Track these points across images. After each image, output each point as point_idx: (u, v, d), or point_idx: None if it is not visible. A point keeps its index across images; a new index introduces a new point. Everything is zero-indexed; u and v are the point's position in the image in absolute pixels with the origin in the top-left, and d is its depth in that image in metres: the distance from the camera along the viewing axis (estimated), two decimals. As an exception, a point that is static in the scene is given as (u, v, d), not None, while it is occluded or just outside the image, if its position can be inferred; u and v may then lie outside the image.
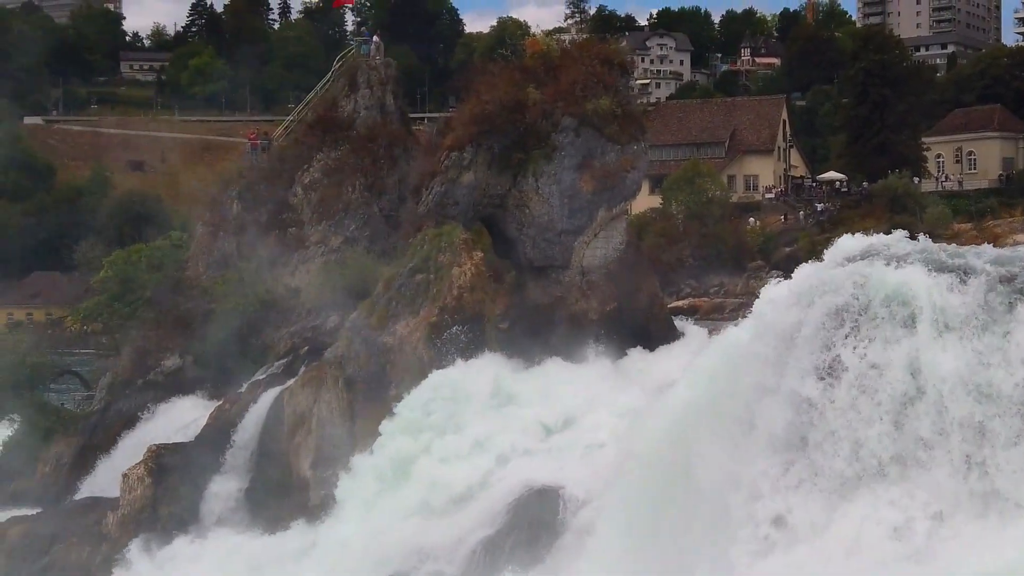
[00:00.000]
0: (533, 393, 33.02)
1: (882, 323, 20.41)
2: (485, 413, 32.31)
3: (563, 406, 32.54)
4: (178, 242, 51.62)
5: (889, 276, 20.76)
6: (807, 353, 20.85)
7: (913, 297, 20.26)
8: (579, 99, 37.71)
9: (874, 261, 21.30)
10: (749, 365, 21.79)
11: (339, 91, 45.24)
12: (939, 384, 19.50)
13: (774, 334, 21.58)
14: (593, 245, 37.63)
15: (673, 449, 22.96)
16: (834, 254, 22.22)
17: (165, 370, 43.58)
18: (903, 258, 21.17)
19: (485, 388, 32.88)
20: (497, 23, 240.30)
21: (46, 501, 42.75)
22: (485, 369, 33.41)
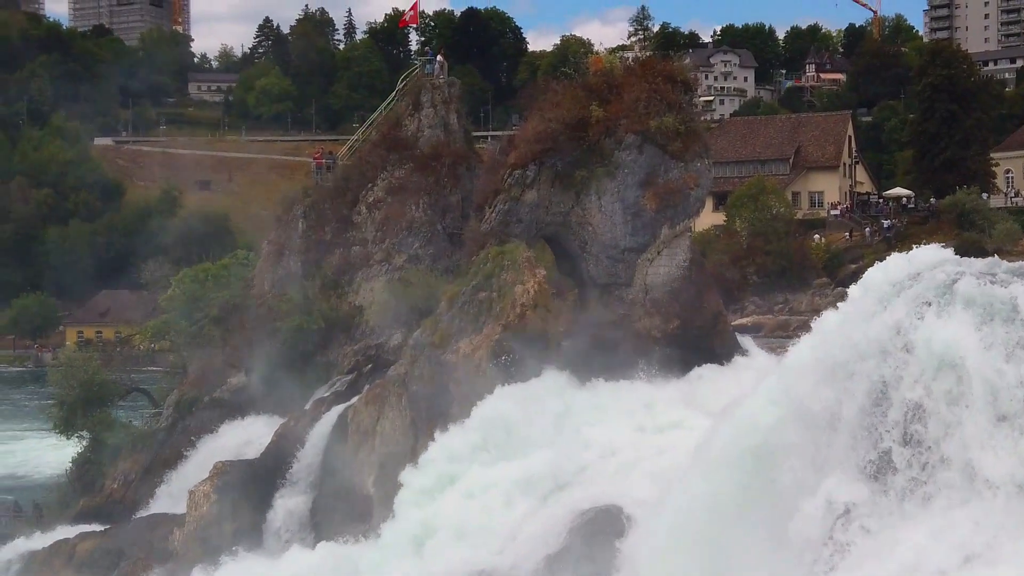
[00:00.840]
0: (595, 411, 32.89)
1: (933, 402, 18.53)
2: (547, 431, 32.22)
3: (625, 424, 32.38)
4: (244, 260, 52.12)
5: (936, 336, 18.77)
6: (849, 450, 19.39)
7: (961, 366, 18.26)
8: (642, 117, 37.62)
9: (920, 305, 19.42)
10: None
11: (403, 110, 45.50)
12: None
13: (807, 423, 20.33)
14: (656, 263, 37.48)
15: (739, 467, 22.72)
16: (873, 285, 20.56)
17: (231, 388, 43.98)
18: (951, 293, 19.19)
19: (547, 406, 32.81)
20: (560, 41, 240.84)
21: (114, 517, 43.26)
22: (547, 387, 33.35)
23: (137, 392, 53.45)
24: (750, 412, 23.07)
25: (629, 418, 32.72)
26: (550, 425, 32.57)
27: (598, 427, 32.40)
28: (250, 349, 43.59)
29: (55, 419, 49.29)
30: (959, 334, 18.67)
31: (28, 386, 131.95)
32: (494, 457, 31.96)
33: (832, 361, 20.58)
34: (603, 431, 32.22)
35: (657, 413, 33.01)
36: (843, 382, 20.26)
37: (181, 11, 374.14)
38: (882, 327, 20.03)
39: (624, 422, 32.54)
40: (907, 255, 20.94)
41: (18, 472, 75.21)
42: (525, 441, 32.16)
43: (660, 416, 32.82)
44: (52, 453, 59.90)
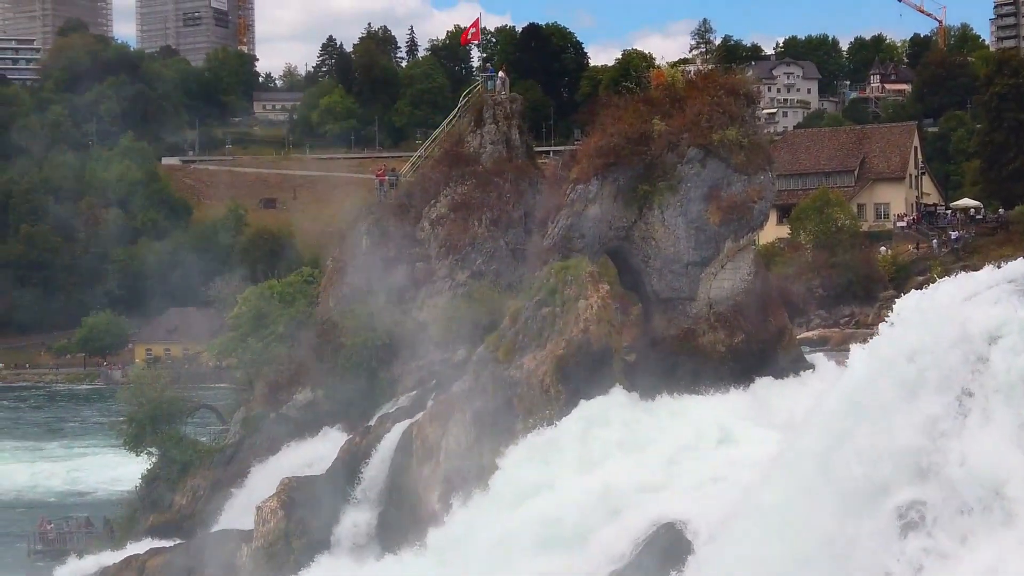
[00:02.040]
0: (660, 426, 32.77)
1: None
2: (612, 446, 32.15)
3: (691, 439, 32.23)
4: (309, 278, 52.57)
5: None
6: (919, 461, 19.66)
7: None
8: (705, 130, 37.48)
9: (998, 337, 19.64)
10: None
11: (465, 127, 45.68)
12: None
13: (876, 433, 20.29)
14: (720, 276, 37.29)
15: (808, 480, 22.51)
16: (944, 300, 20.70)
17: (297, 404, 44.29)
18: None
19: (611, 421, 32.74)
20: (622, 55, 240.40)
21: (183, 533, 43.72)
22: (612, 402, 33.28)
23: (205, 409, 54.04)
24: (819, 424, 22.91)
25: (695, 433, 32.55)
26: (615, 441, 32.48)
27: (663, 442, 32.27)
28: (316, 366, 43.90)
29: (125, 436, 49.90)
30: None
31: (98, 403, 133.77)
32: (560, 473, 31.93)
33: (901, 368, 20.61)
34: (668, 446, 32.09)
35: (723, 428, 32.80)
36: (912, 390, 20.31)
37: (246, 31, 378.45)
38: (955, 337, 20.14)
39: (690, 437, 32.39)
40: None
41: (89, 488, 76.28)
42: (591, 457, 32.10)
43: (726, 431, 32.61)
44: (122, 470, 60.64)
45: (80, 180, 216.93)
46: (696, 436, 32.41)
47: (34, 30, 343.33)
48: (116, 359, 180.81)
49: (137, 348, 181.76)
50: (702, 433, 32.57)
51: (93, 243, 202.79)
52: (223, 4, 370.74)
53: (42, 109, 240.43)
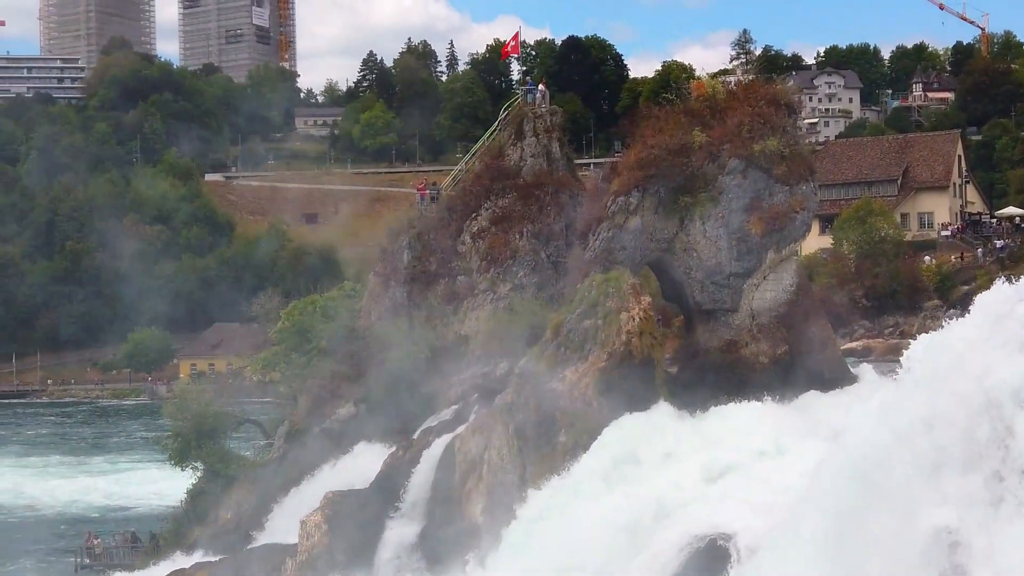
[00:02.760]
0: (703, 438, 32.62)
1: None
2: (655, 459, 32.04)
3: (734, 451, 32.04)
4: (351, 292, 52.71)
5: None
6: (962, 472, 18.86)
7: None
8: (746, 141, 37.36)
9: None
10: None
11: (506, 140, 45.73)
12: None
13: (920, 445, 19.65)
14: (763, 287, 37.12)
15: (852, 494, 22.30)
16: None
17: (340, 418, 44.43)
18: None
19: (654, 434, 32.63)
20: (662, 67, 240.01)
21: (228, 547, 43.90)
22: (654, 414, 33.18)
23: (249, 423, 54.27)
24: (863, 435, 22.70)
25: (738, 444, 32.36)
26: (658, 453, 32.37)
27: (706, 454, 32.11)
28: (358, 380, 44.03)
29: (170, 450, 50.23)
30: None
31: (143, 418, 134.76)
32: (605, 486, 31.86)
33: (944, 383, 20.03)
34: (711, 458, 31.92)
35: (766, 439, 32.59)
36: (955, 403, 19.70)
37: (287, 48, 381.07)
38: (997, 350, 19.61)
39: (733, 448, 32.20)
40: None
41: (133, 503, 76.79)
42: (634, 470, 32.01)
43: (769, 442, 32.39)
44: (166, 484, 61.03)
45: (124, 197, 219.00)
46: (739, 448, 32.22)
47: (79, 49, 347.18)
48: (161, 374, 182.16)
49: (182, 363, 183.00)
50: (745, 445, 32.37)
51: (138, 259, 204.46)
52: (264, 21, 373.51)
53: (87, 127, 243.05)
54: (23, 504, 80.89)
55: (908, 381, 20.08)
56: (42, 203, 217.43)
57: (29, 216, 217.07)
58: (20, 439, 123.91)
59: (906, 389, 20.04)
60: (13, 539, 67.55)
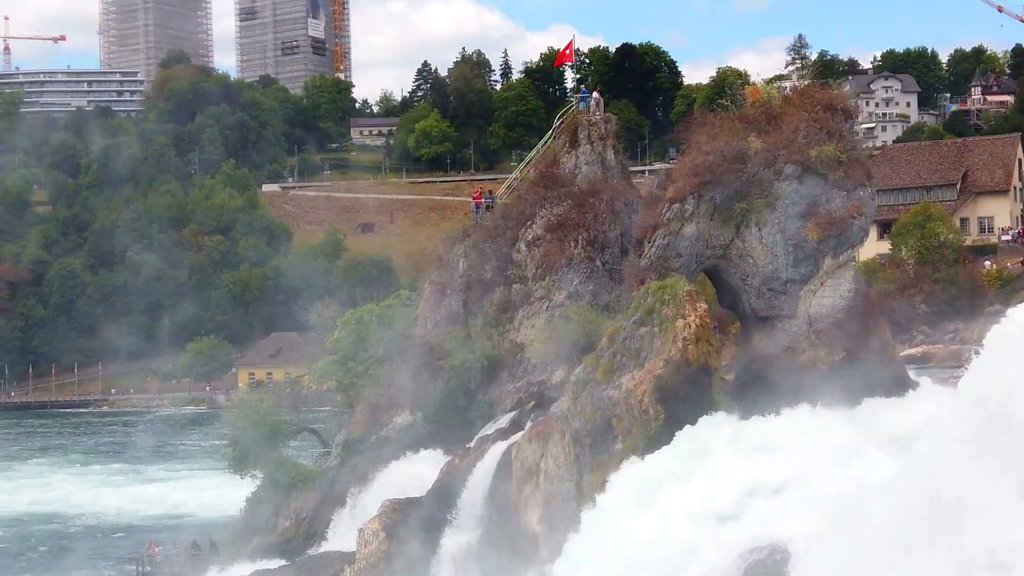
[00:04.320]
0: (761, 446, 32.43)
1: None
2: (712, 467, 31.89)
3: (793, 458, 31.83)
4: (407, 301, 52.91)
5: None
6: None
7: None
8: (802, 146, 37.14)
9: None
10: None
11: (560, 148, 45.73)
12: None
13: (987, 453, 18.99)
14: (820, 294, 36.87)
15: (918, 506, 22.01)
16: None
17: (397, 426, 44.61)
18: None
19: (711, 441, 32.49)
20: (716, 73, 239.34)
21: (287, 555, 44.22)
22: (711, 422, 33.04)
23: (307, 432, 54.61)
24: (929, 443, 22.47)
25: (795, 452, 32.15)
26: (716, 461, 32.23)
27: (764, 461, 31.93)
28: (415, 388, 44.18)
29: (229, 459, 50.65)
30: None
31: (203, 427, 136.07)
32: (662, 494, 31.76)
33: None
34: (769, 465, 31.75)
35: (825, 447, 32.35)
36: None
37: (343, 58, 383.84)
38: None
39: (790, 456, 31.99)
40: None
41: (193, 511, 77.50)
42: (692, 478, 31.88)
43: (828, 450, 32.15)
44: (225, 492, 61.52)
45: (183, 208, 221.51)
46: (797, 456, 32.01)
47: (138, 62, 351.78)
48: (220, 383, 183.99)
49: (240, 372, 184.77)
50: (804, 453, 32.15)
51: (196, 270, 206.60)
52: (320, 33, 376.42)
53: (146, 139, 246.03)
54: (84, 513, 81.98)
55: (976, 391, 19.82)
56: (102, 215, 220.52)
57: (90, 228, 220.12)
58: (82, 448, 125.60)
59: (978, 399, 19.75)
60: (75, 548, 68.49)
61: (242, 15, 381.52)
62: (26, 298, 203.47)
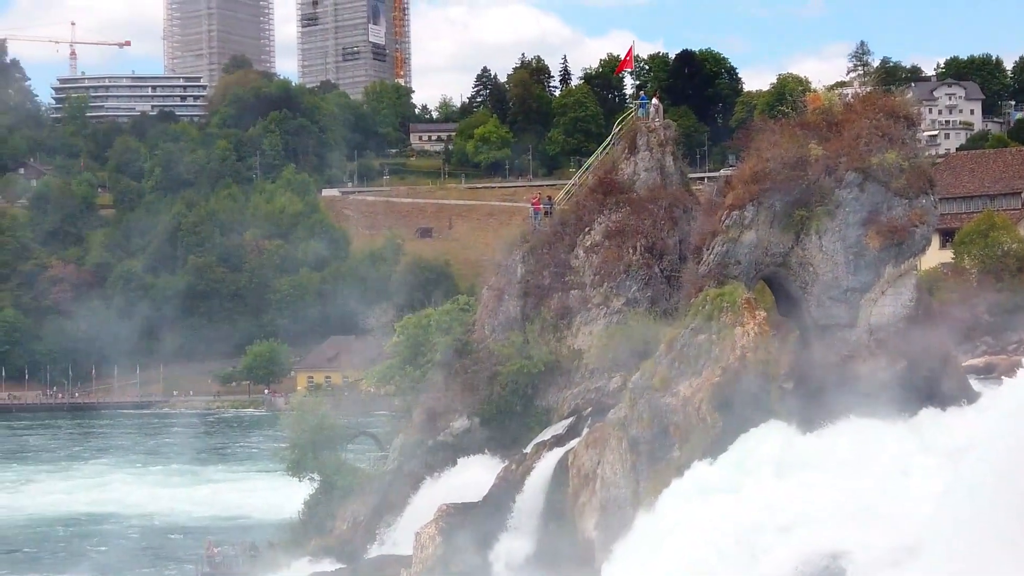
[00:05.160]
0: (820, 455, 32.18)
1: None
2: (770, 476, 31.70)
3: (852, 468, 31.57)
4: (465, 306, 53.03)
5: None
6: None
7: None
8: (863, 154, 36.83)
9: None
10: None
11: (619, 154, 45.68)
12: None
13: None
14: (881, 302, 36.52)
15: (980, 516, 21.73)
16: None
17: (453, 431, 44.70)
18: None
19: (770, 450, 32.30)
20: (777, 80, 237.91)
21: (343, 558, 44.46)
22: (770, 430, 32.84)
23: (364, 435, 54.87)
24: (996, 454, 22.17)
25: (856, 462, 31.88)
26: (774, 469, 32.04)
27: (823, 472, 31.69)
28: (472, 393, 44.28)
29: (287, 461, 50.99)
30: None
31: (261, 430, 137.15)
32: (720, 502, 31.61)
33: None
34: (827, 476, 31.50)
35: (885, 457, 32.07)
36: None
37: (403, 64, 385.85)
38: None
39: (851, 466, 31.73)
40: None
41: (250, 513, 78.11)
42: (750, 486, 31.71)
43: (889, 461, 31.86)
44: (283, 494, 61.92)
45: (244, 212, 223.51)
46: (857, 465, 31.74)
47: (201, 68, 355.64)
48: (279, 387, 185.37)
49: (299, 376, 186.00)
50: (863, 462, 31.88)
51: (256, 274, 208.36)
52: (381, 38, 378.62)
53: (208, 144, 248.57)
54: (142, 513, 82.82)
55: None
56: (165, 218, 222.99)
57: (153, 231, 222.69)
58: (142, 449, 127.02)
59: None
60: (133, 548, 69.26)
61: (304, 21, 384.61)
62: (89, 300, 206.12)
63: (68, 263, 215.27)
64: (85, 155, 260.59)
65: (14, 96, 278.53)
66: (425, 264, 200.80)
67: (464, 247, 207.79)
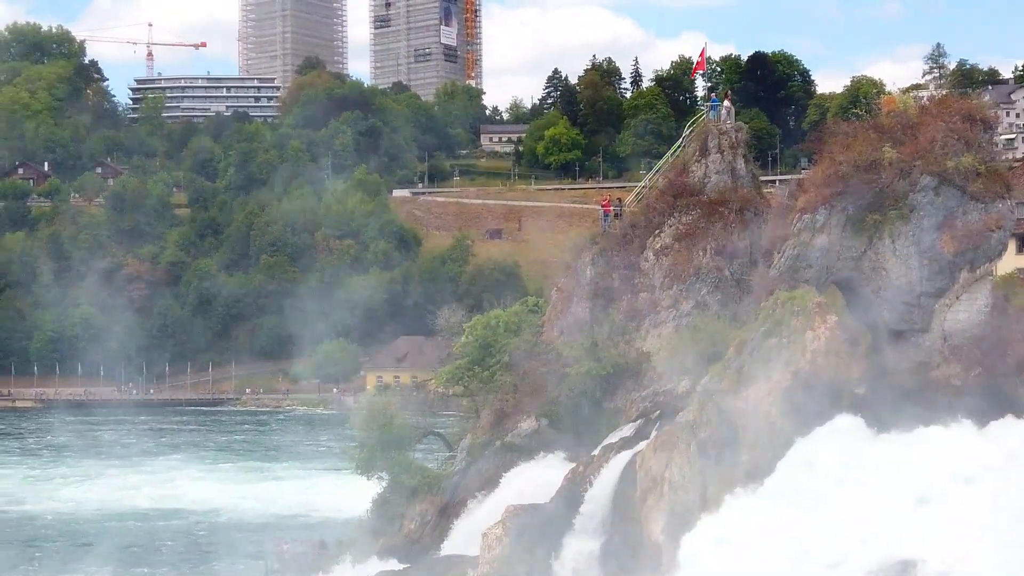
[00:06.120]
0: (892, 462, 31.83)
1: None
2: (840, 482, 31.42)
3: (925, 475, 31.21)
4: (534, 307, 53.06)
5: None
6: None
7: None
8: (939, 157, 36.42)
9: None
10: None
11: (690, 156, 45.49)
12: None
13: None
14: (955, 308, 36.07)
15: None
16: None
17: (521, 432, 44.75)
18: None
19: (840, 456, 32.00)
20: (851, 82, 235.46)
21: (411, 557, 44.68)
22: (841, 436, 32.54)
23: (432, 435, 55.07)
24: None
25: (928, 469, 31.51)
26: (844, 475, 31.75)
27: (895, 478, 31.35)
28: (540, 394, 44.31)
29: (356, 460, 51.27)
30: None
31: (331, 428, 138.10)
32: (789, 507, 31.40)
33: None
34: (900, 482, 31.17)
35: (958, 465, 31.64)
36: None
37: (474, 66, 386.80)
38: None
39: (923, 473, 31.37)
40: None
41: (321, 510, 78.65)
42: (819, 492, 31.47)
43: (961, 468, 31.44)
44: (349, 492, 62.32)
45: (316, 212, 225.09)
46: (930, 473, 31.37)
47: (275, 69, 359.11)
48: (348, 386, 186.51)
49: (368, 375, 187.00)
50: (936, 470, 31.50)
51: (328, 273, 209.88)
52: (452, 40, 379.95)
53: (281, 144, 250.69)
54: (211, 509, 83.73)
55: None
56: (238, 218, 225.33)
57: (226, 230, 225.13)
58: (213, 445, 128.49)
59: None
60: (202, 544, 70.07)
61: (376, 23, 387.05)
62: (164, 298, 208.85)
63: (143, 261, 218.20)
64: (161, 155, 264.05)
65: (92, 96, 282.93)
66: (494, 265, 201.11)
67: (533, 248, 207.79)
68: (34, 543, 72.20)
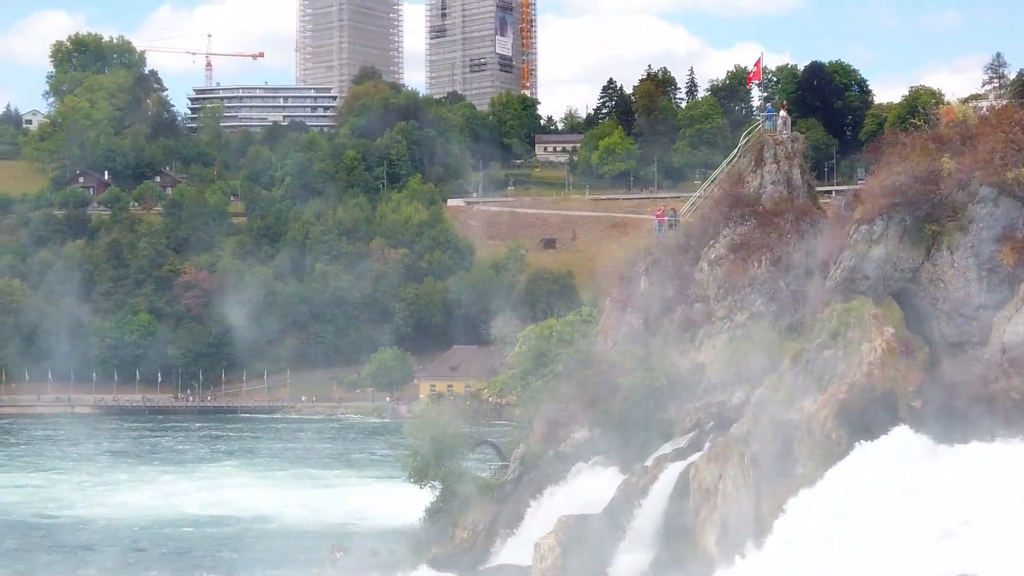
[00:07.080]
0: (950, 477, 31.45)
1: None
2: (896, 496, 31.08)
3: (983, 491, 30.79)
4: (588, 317, 53.01)
5: None
6: None
7: None
8: (999, 168, 36.02)
9: None
10: None
11: (745, 166, 45.27)
12: None
13: None
14: (1015, 320, 35.58)
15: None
16: None
17: (574, 442, 44.70)
18: None
19: (896, 469, 31.66)
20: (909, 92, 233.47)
21: (463, 566, 44.72)
22: (897, 449, 32.19)
23: (486, 445, 55.12)
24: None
25: (986, 485, 31.08)
26: (900, 490, 31.41)
27: (952, 494, 30.97)
28: (593, 404, 44.22)
29: (409, 469, 51.45)
30: None
31: (385, 436, 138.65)
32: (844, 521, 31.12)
33: None
34: (958, 498, 30.78)
35: (1018, 480, 31.19)
36: None
37: (529, 76, 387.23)
38: None
39: (981, 489, 30.95)
40: None
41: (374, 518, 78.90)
42: (875, 506, 31.15)
43: (1021, 486, 30.98)
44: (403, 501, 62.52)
45: (371, 221, 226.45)
46: (987, 489, 30.94)
47: (331, 79, 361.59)
48: (402, 394, 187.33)
49: (421, 384, 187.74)
50: (994, 487, 31.07)
51: (382, 282, 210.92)
52: (507, 50, 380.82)
53: (337, 154, 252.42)
54: (264, 515, 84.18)
55: None
56: (294, 226, 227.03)
57: (282, 239, 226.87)
58: (267, 452, 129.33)
59: None
60: (255, 551, 70.43)
61: (432, 33, 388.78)
62: (220, 306, 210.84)
63: (200, 269, 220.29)
64: (219, 163, 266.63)
65: (152, 106, 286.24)
66: (548, 275, 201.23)
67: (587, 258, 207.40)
68: (89, 547, 72.91)
